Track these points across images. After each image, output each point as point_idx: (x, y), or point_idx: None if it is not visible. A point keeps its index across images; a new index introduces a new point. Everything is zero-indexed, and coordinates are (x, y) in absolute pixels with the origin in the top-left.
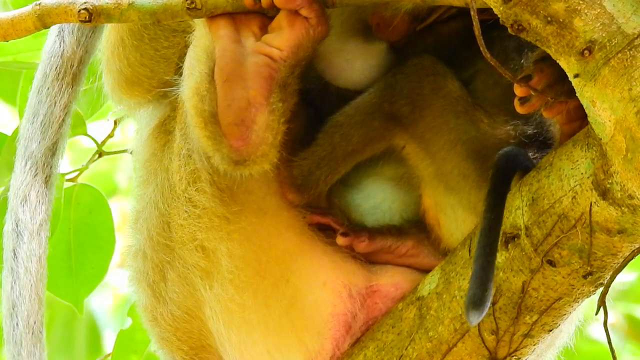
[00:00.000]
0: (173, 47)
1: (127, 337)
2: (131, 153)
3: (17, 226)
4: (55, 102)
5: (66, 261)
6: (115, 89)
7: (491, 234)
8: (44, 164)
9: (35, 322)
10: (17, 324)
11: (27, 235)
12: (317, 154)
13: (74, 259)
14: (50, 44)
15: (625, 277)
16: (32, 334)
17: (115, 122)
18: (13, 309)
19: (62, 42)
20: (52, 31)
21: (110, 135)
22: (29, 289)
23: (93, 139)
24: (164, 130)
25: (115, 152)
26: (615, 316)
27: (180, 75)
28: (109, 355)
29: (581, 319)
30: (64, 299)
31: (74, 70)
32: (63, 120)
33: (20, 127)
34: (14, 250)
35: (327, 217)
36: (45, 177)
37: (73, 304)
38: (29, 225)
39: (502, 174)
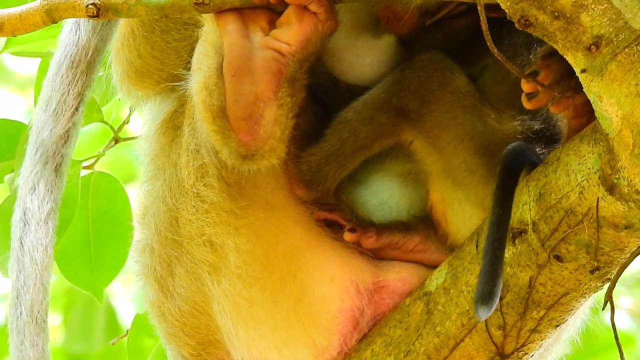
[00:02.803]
0: (184, 39)
1: (143, 322)
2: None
3: (24, 215)
4: (69, 91)
5: (85, 250)
6: (125, 80)
7: (499, 230)
8: (54, 153)
9: (39, 312)
10: (21, 314)
11: (34, 224)
12: (325, 150)
13: (93, 248)
14: (66, 32)
15: (637, 265)
16: (36, 323)
17: (130, 109)
18: (17, 298)
19: (77, 30)
20: (68, 19)
21: (126, 122)
22: (33, 278)
23: (109, 124)
24: (172, 125)
25: (131, 138)
26: (633, 302)
27: (189, 70)
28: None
29: (587, 313)
30: (84, 288)
31: (88, 59)
32: (76, 108)
33: (33, 115)
34: (20, 239)
35: (335, 213)
36: (56, 166)
37: (93, 293)
38: (36, 214)
39: (509, 169)
